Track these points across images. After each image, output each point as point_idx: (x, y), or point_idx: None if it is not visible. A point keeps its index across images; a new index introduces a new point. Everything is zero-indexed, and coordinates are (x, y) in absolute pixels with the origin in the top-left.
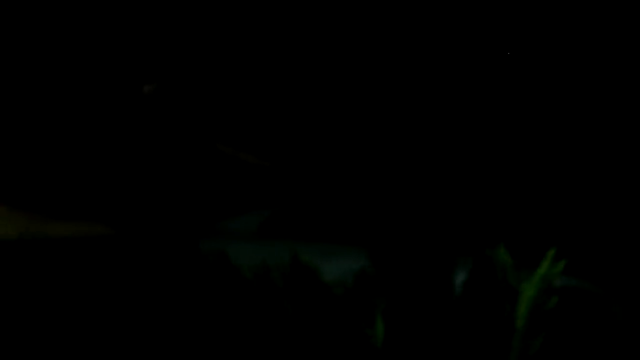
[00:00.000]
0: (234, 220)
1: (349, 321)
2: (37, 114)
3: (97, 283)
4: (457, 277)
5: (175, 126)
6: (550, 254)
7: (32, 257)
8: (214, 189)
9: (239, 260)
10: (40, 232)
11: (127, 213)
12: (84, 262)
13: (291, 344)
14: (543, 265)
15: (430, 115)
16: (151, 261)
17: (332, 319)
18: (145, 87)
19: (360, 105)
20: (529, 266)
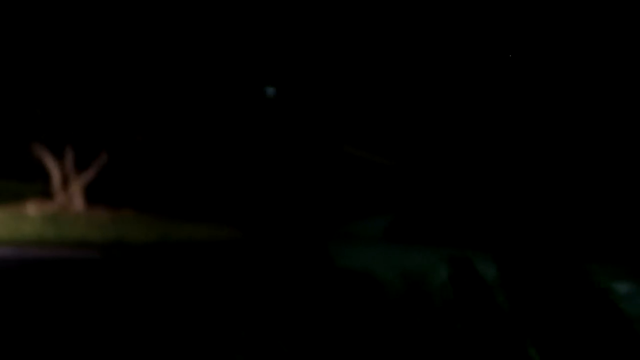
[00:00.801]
0: (359, 224)
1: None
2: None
3: (232, 281)
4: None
5: (301, 129)
6: None
7: (173, 257)
8: (340, 191)
9: (369, 265)
10: (176, 235)
11: (255, 216)
12: (218, 263)
13: None
14: None
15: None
16: (281, 263)
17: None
18: (269, 91)
19: (496, 107)
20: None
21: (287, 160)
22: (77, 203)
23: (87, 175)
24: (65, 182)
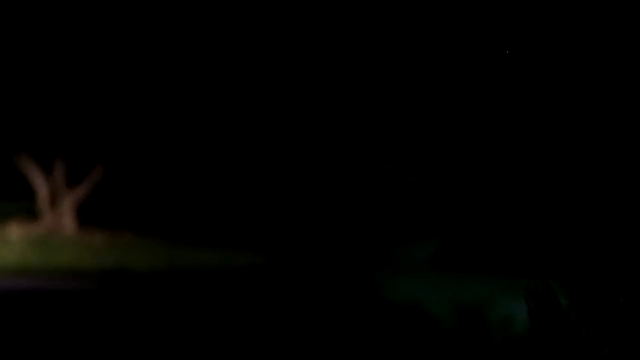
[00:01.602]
0: (405, 249)
1: None
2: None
3: (257, 319)
4: None
5: (340, 146)
6: None
7: (182, 288)
8: (382, 211)
9: (419, 297)
10: (185, 262)
11: (280, 238)
12: (238, 295)
13: None
14: None
15: None
16: (318, 296)
17: None
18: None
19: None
20: None
21: (319, 175)
22: (68, 224)
23: (80, 191)
24: (54, 200)
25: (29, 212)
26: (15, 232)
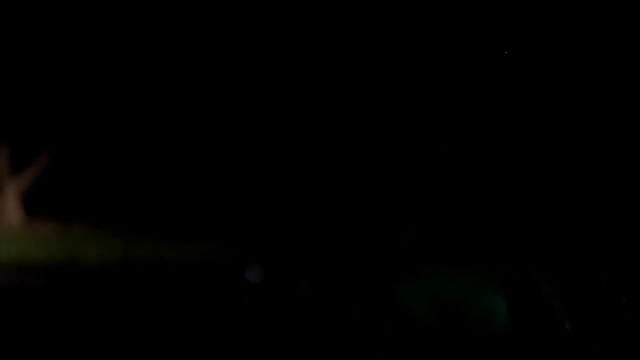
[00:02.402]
0: (383, 241)
1: None
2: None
3: (229, 325)
4: None
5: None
6: None
7: (142, 284)
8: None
9: (392, 289)
10: (145, 256)
11: (255, 230)
12: (205, 295)
13: None
14: None
15: None
16: (307, 300)
17: None
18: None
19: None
20: None
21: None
22: (13, 214)
23: (27, 178)
24: None
25: None
26: None
